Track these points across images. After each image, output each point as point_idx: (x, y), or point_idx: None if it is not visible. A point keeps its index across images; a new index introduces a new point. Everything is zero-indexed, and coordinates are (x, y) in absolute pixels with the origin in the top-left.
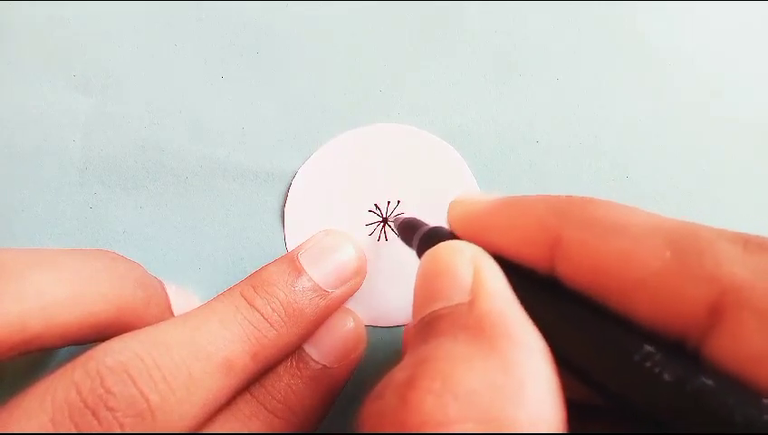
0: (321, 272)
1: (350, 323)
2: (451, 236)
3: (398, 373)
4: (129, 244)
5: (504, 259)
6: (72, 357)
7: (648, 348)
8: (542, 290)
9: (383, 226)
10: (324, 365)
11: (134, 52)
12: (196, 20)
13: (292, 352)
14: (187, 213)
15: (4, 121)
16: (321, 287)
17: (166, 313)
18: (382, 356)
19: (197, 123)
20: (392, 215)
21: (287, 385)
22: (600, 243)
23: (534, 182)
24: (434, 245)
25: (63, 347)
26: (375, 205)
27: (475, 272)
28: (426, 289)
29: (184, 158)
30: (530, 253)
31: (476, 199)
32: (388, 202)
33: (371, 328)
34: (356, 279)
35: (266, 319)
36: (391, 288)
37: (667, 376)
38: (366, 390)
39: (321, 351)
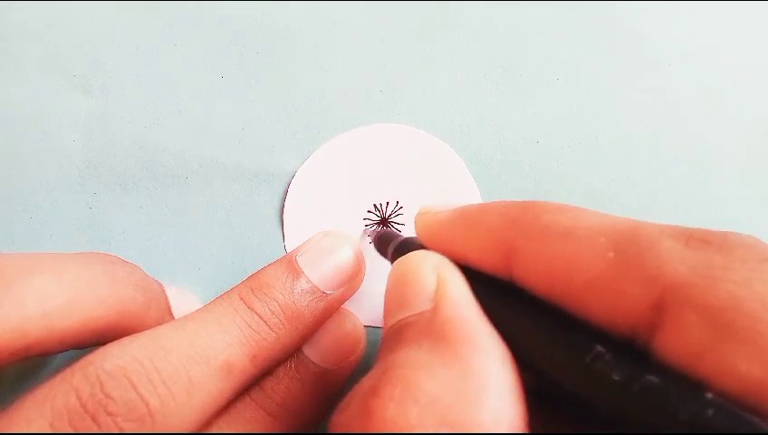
0: (320, 274)
1: (349, 325)
2: (421, 246)
3: (364, 384)
4: (129, 244)
5: (466, 267)
6: (71, 360)
7: (599, 348)
8: (503, 296)
9: (382, 227)
10: (323, 367)
11: (134, 52)
12: (196, 20)
13: (292, 354)
14: (186, 213)
15: (4, 121)
16: (319, 289)
17: (166, 315)
18: None
19: (197, 123)
20: (392, 216)
21: (286, 388)
22: (548, 248)
23: (534, 182)
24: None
25: (63, 352)
26: (374, 205)
27: (438, 280)
28: (393, 298)
29: (184, 158)
30: (488, 261)
31: (439, 211)
32: (387, 203)
33: (371, 329)
34: (355, 280)
35: (265, 322)
36: None
37: (615, 376)
38: None
39: (321, 353)
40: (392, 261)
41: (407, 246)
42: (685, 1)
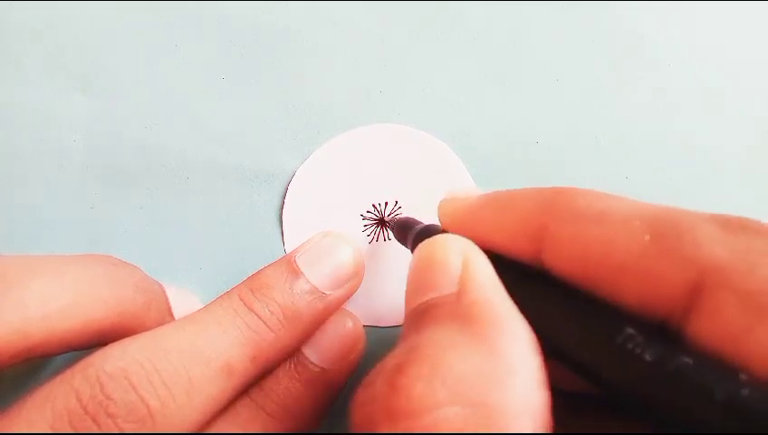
0: (319, 274)
1: (349, 325)
2: (444, 232)
3: (389, 361)
4: (130, 244)
5: (492, 252)
6: (71, 361)
7: (630, 330)
8: (530, 280)
9: (381, 226)
10: (323, 367)
11: (134, 52)
12: (197, 20)
13: (291, 354)
14: (187, 213)
15: (4, 121)
16: (318, 289)
17: (166, 316)
18: (381, 357)
19: (197, 123)
20: (390, 216)
21: (286, 388)
22: (583, 232)
23: (534, 182)
24: None
25: (64, 353)
26: (373, 205)
27: (463, 263)
28: (417, 280)
29: (184, 158)
30: (517, 245)
31: (465, 196)
32: (386, 203)
33: (370, 329)
34: (354, 281)
35: (265, 322)
36: (389, 289)
37: (648, 356)
38: None
39: (320, 353)
40: (412, 248)
41: (429, 232)
42: (685, 1)
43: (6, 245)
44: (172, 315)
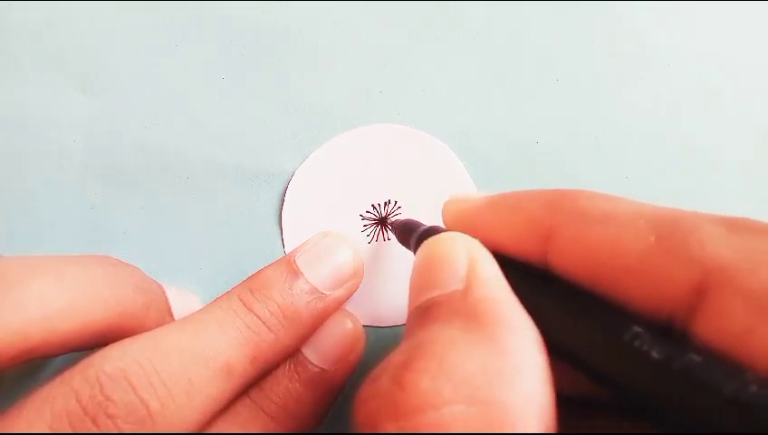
0: (319, 274)
1: (348, 325)
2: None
3: (394, 357)
4: (130, 244)
5: (497, 252)
6: (71, 362)
7: (637, 328)
8: (535, 280)
9: (381, 226)
10: (322, 368)
11: (134, 52)
12: (197, 20)
13: (291, 354)
14: (187, 213)
15: (4, 121)
16: (318, 290)
17: (166, 317)
18: (381, 357)
19: (197, 123)
20: (390, 216)
21: (286, 388)
22: (589, 232)
23: (534, 182)
24: None
25: (64, 354)
26: (372, 205)
27: (469, 261)
28: (422, 278)
29: (184, 158)
30: (522, 246)
31: (469, 198)
32: (386, 203)
33: (370, 329)
34: (353, 281)
35: (264, 323)
36: (389, 289)
37: (655, 354)
38: None
39: (319, 353)
40: (415, 248)
41: (433, 233)
42: (685, 1)
43: (6, 245)
44: (172, 316)
